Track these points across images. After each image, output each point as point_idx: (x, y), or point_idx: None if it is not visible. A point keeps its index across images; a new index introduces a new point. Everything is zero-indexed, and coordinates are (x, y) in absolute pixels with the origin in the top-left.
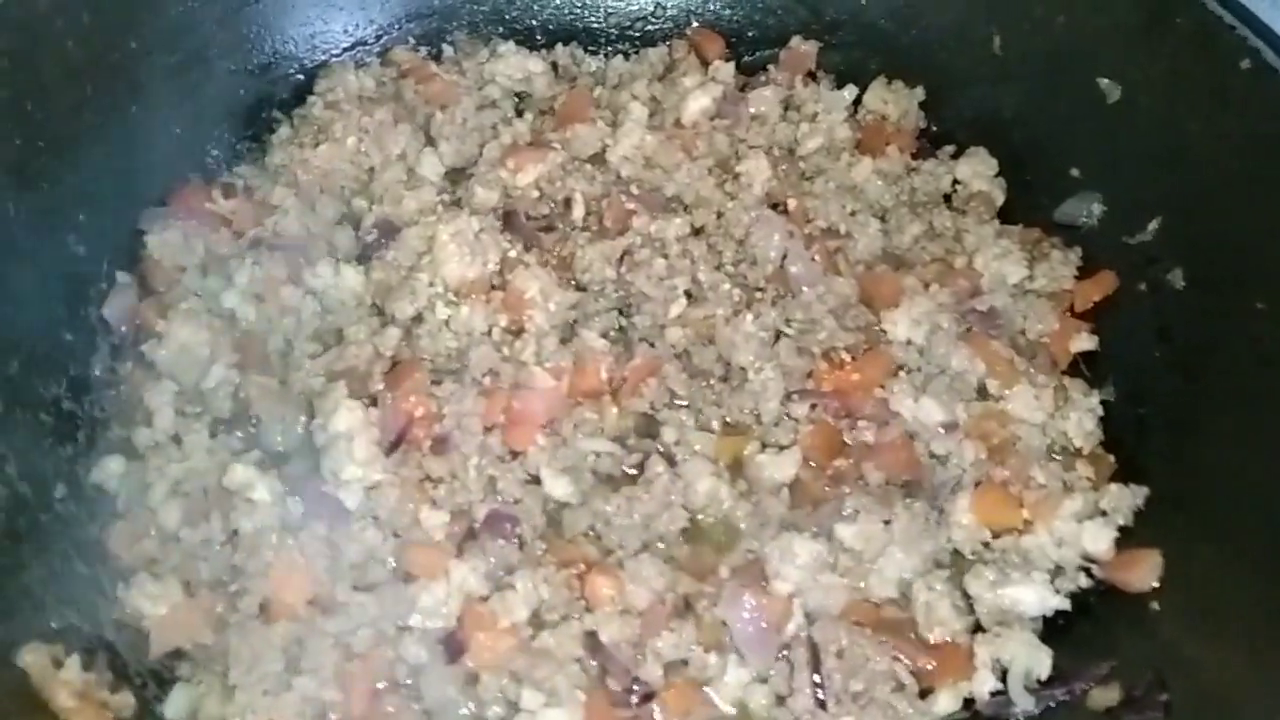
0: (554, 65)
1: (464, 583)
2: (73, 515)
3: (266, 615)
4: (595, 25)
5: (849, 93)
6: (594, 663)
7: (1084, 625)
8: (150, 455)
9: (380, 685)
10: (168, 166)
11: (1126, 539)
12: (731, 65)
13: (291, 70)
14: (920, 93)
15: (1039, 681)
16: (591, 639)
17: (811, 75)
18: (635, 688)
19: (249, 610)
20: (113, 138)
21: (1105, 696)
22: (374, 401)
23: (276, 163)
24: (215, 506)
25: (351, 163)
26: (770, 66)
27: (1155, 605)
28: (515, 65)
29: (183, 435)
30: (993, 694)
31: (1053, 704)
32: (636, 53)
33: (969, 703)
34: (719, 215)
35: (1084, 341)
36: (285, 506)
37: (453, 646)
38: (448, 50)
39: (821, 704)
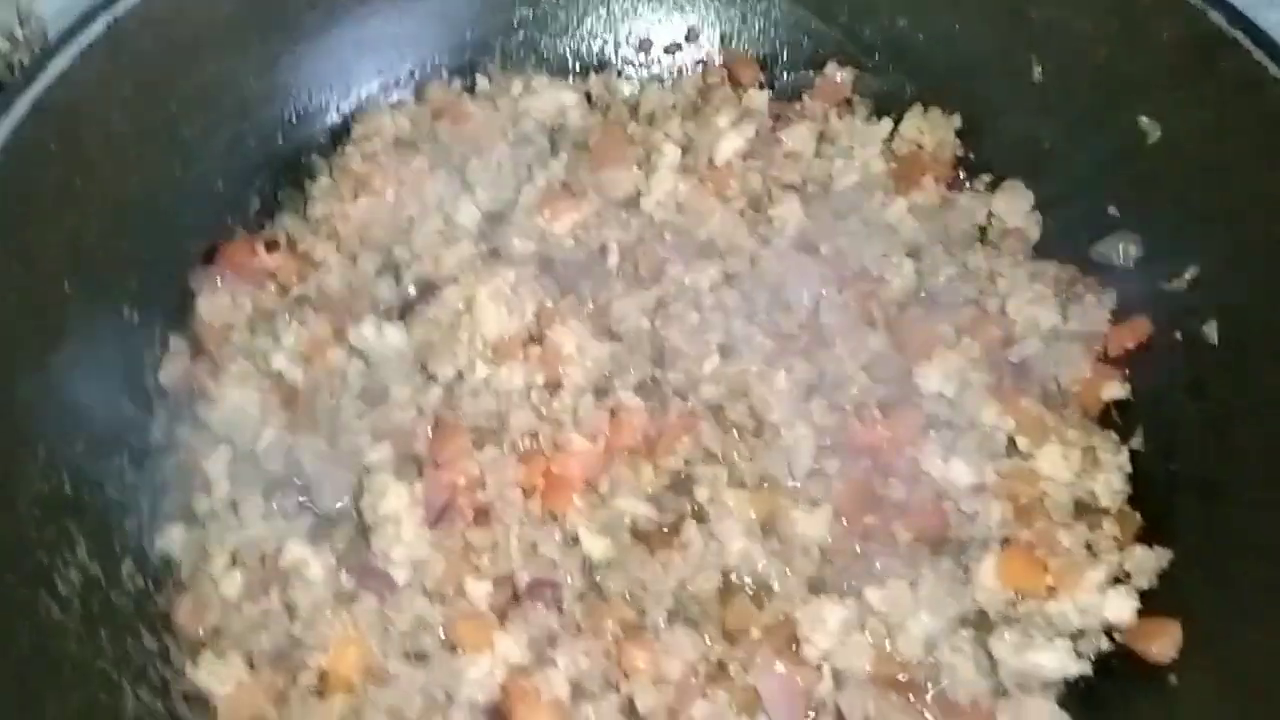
0: (587, 95)
1: (508, 655)
2: (141, 590)
3: (324, 687)
4: (628, 52)
5: (884, 126)
6: None
7: (1105, 691)
8: (209, 522)
9: None
10: (212, 223)
11: (1149, 602)
12: (765, 94)
13: (328, 115)
14: (957, 120)
15: None
16: (630, 707)
17: (847, 103)
18: None
19: (307, 683)
20: (159, 200)
21: None
22: (418, 466)
23: (317, 215)
24: (273, 579)
25: (390, 214)
26: (805, 95)
27: (1173, 678)
28: (549, 100)
29: (239, 501)
30: None
31: None
32: (671, 79)
33: None
34: (752, 262)
35: (1116, 389)
36: (338, 581)
37: (498, 718)
38: (481, 82)
39: None
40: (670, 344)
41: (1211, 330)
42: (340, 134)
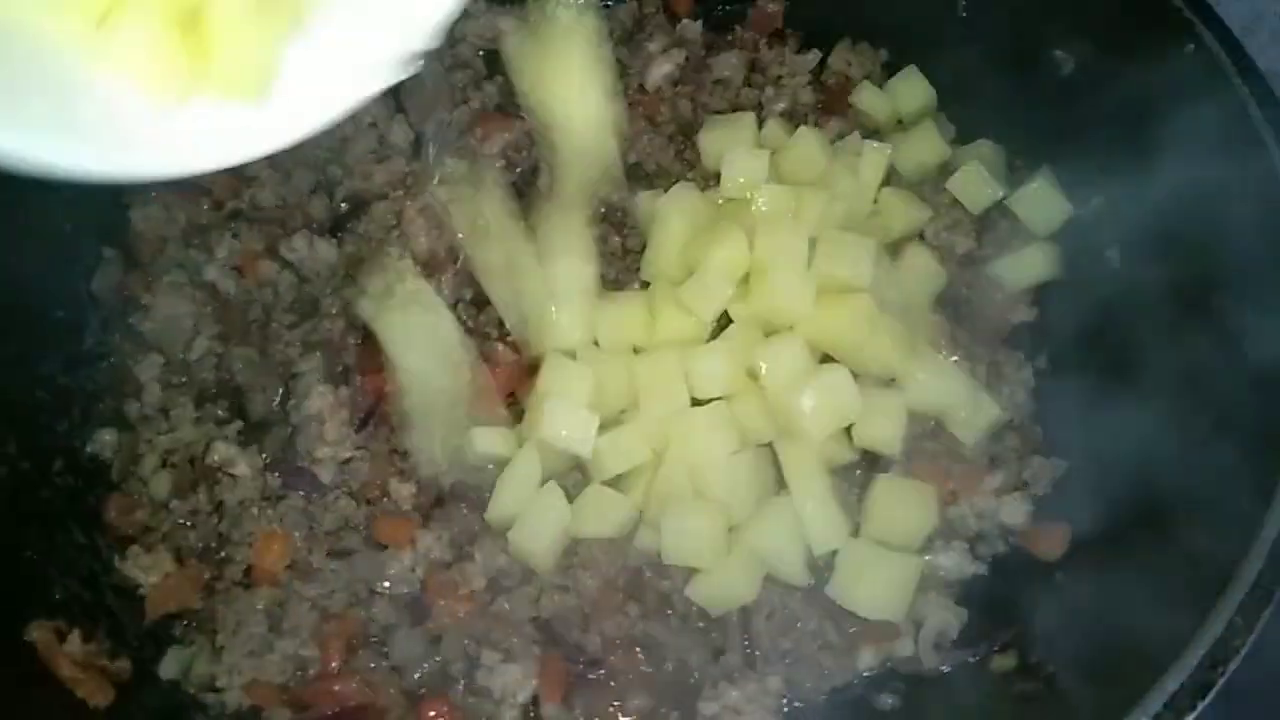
0: (526, 21)
1: (429, 551)
2: (71, 488)
3: (250, 581)
4: None
5: (813, 57)
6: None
7: (997, 589)
8: (140, 427)
9: (354, 643)
10: None
11: (1042, 509)
12: (699, 24)
13: None
14: (884, 54)
15: (950, 641)
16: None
17: (779, 34)
18: (582, 658)
19: (234, 577)
20: None
21: (1003, 662)
22: (345, 375)
23: None
24: (201, 479)
25: (324, 132)
26: (737, 26)
27: (1059, 575)
28: (485, 24)
29: (170, 408)
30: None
31: (957, 664)
32: (607, 7)
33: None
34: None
35: (1023, 313)
36: (265, 481)
37: (418, 610)
38: None
39: (750, 663)
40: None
41: (1114, 255)
42: None
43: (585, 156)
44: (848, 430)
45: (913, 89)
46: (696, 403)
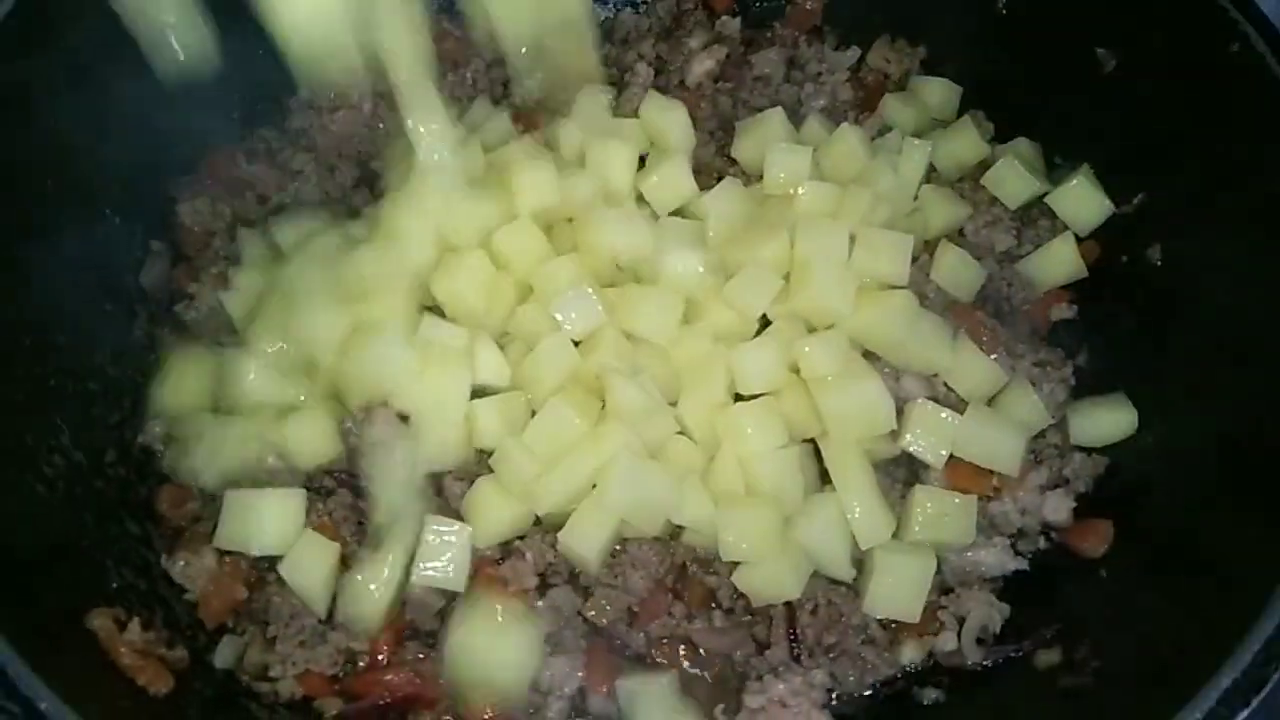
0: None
1: (478, 550)
2: (123, 479)
3: None
4: None
5: (852, 54)
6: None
7: (1040, 586)
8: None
9: (403, 634)
10: (194, 133)
11: (1084, 505)
12: (738, 20)
13: None
14: (923, 51)
15: (993, 636)
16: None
17: (817, 30)
18: (628, 652)
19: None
20: (143, 108)
21: (1048, 657)
22: None
23: (296, 126)
24: (252, 473)
25: (367, 126)
26: (776, 23)
27: (1103, 572)
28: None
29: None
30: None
31: (1001, 659)
32: (645, 4)
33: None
34: (718, 178)
35: (1064, 310)
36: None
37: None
38: (460, 2)
39: (796, 657)
40: None
41: (1155, 253)
42: None
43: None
44: None
45: (938, 93)
46: (739, 398)
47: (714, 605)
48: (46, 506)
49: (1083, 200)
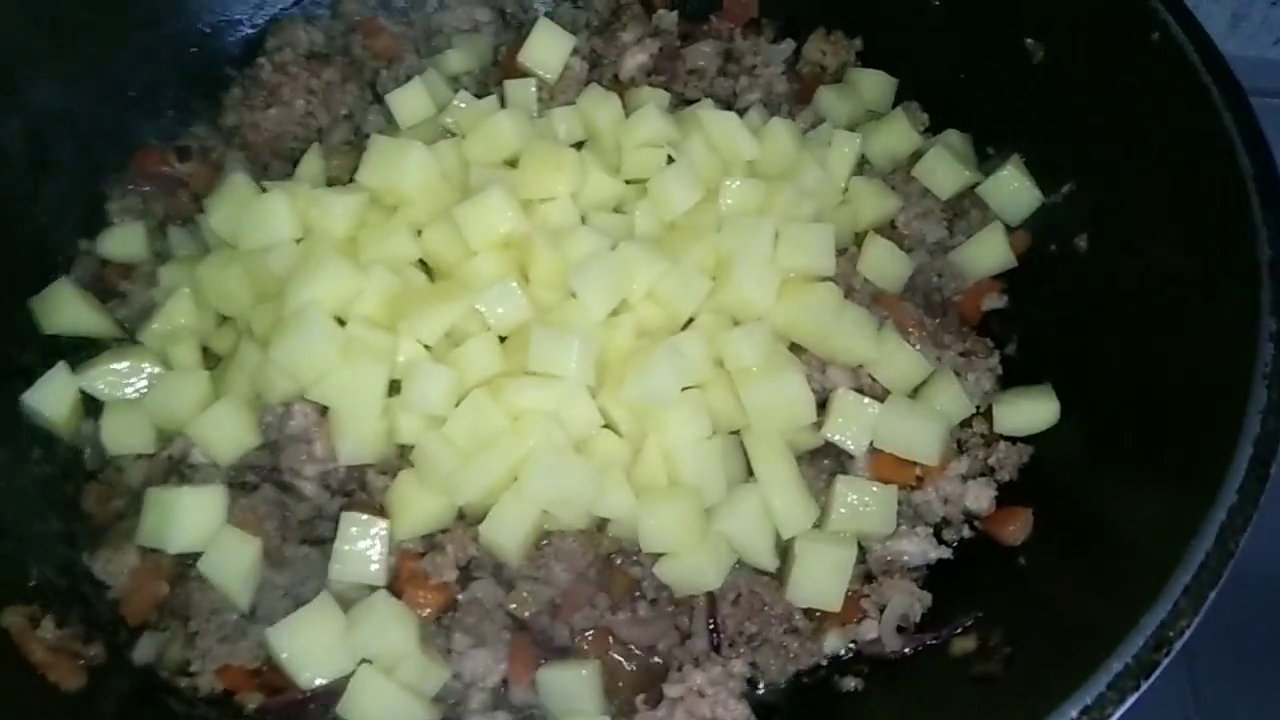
0: (502, 13)
1: (399, 544)
2: (48, 476)
3: None
4: None
5: (787, 45)
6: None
7: (961, 574)
8: None
9: None
10: (125, 131)
11: (1008, 493)
12: (675, 14)
13: (243, 27)
14: (858, 44)
15: (914, 624)
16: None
17: (754, 23)
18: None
19: None
20: (71, 108)
21: (963, 644)
22: None
23: (229, 124)
24: (174, 469)
25: (300, 124)
26: (713, 16)
27: (1022, 560)
28: (462, 15)
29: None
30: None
31: (920, 647)
32: None
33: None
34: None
35: (995, 300)
36: (242, 473)
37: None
38: (397, 0)
39: (716, 647)
40: None
41: (1082, 242)
42: (255, 46)
43: None
44: None
45: (873, 85)
46: None
47: (638, 596)
48: None
49: (1013, 190)
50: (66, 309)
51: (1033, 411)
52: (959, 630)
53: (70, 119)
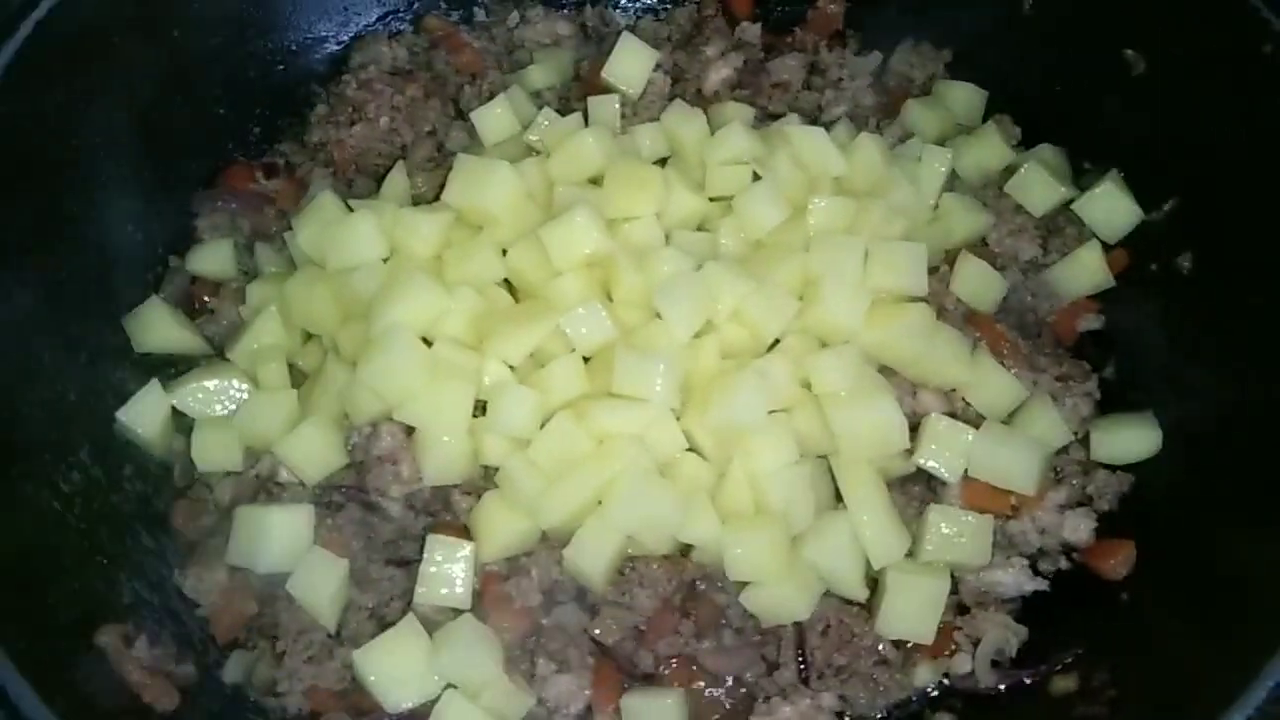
0: (583, 27)
1: (483, 565)
2: (140, 493)
3: None
4: None
5: (874, 58)
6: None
7: (1059, 608)
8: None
9: None
10: (213, 148)
11: (1107, 524)
12: (758, 26)
13: (328, 45)
14: (947, 55)
15: (1009, 659)
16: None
17: (839, 35)
18: (637, 671)
19: None
20: (161, 124)
21: (1064, 683)
22: None
23: (315, 140)
24: (262, 489)
25: (385, 140)
26: (797, 28)
27: (1125, 595)
28: (544, 30)
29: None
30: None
31: (1016, 684)
32: (666, 10)
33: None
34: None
35: (1091, 321)
36: (329, 492)
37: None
38: (479, 14)
39: (805, 679)
40: None
41: (1186, 261)
42: (340, 63)
43: None
44: None
45: (963, 98)
46: None
47: (723, 624)
48: (61, 523)
49: (1111, 207)
50: (159, 328)
51: (1133, 439)
52: (1058, 668)
53: (160, 136)
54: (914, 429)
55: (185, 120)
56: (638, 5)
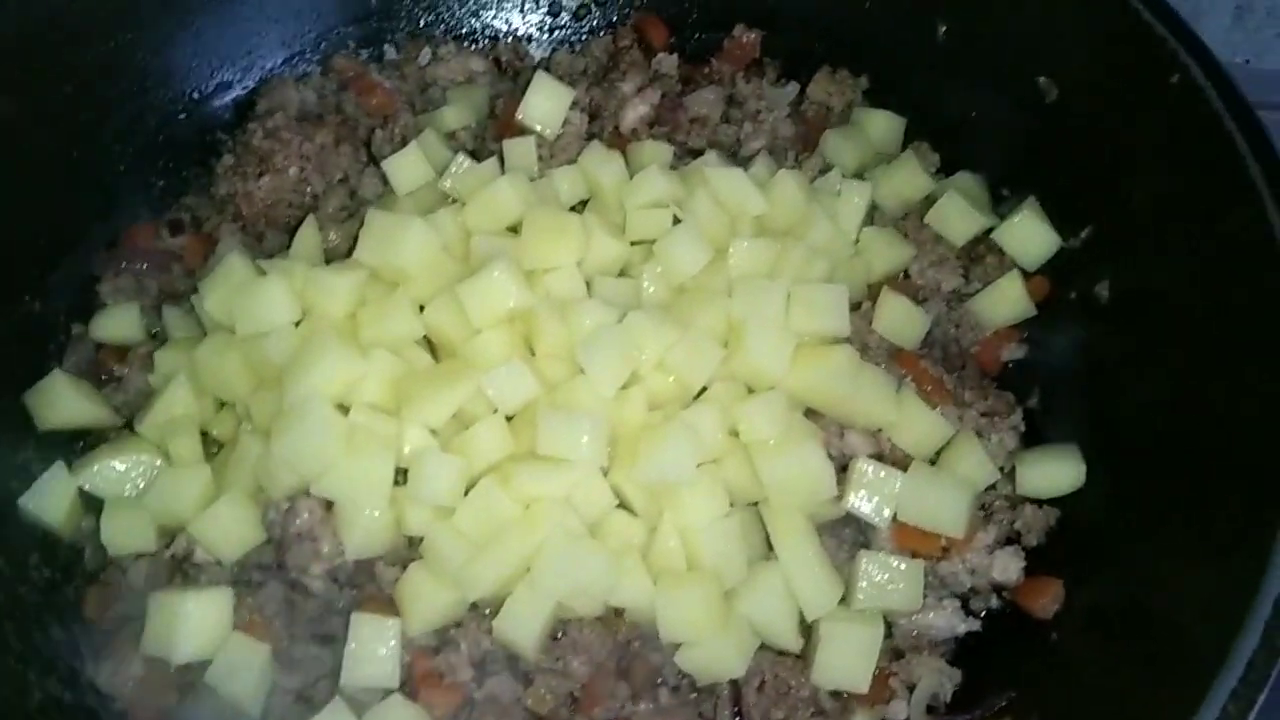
0: (497, 62)
1: (412, 640)
2: (48, 581)
3: None
4: (537, 17)
5: (792, 88)
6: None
7: (993, 648)
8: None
9: None
10: (115, 206)
11: (1035, 560)
12: (675, 58)
13: (232, 90)
14: (864, 83)
15: (944, 704)
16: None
17: (756, 63)
18: None
19: None
20: (57, 185)
21: None
22: None
23: (221, 193)
24: (177, 570)
25: (295, 191)
26: (713, 58)
27: (1055, 635)
28: (456, 67)
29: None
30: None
31: None
32: (581, 41)
33: None
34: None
35: (1014, 350)
36: (247, 571)
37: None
38: (390, 52)
39: None
40: None
41: (1104, 289)
42: (246, 109)
43: None
44: None
45: (881, 125)
46: None
47: (659, 683)
48: None
49: (1029, 235)
50: (62, 402)
51: (1057, 473)
52: (993, 710)
53: (56, 198)
54: (842, 469)
55: (82, 179)
56: (552, 38)
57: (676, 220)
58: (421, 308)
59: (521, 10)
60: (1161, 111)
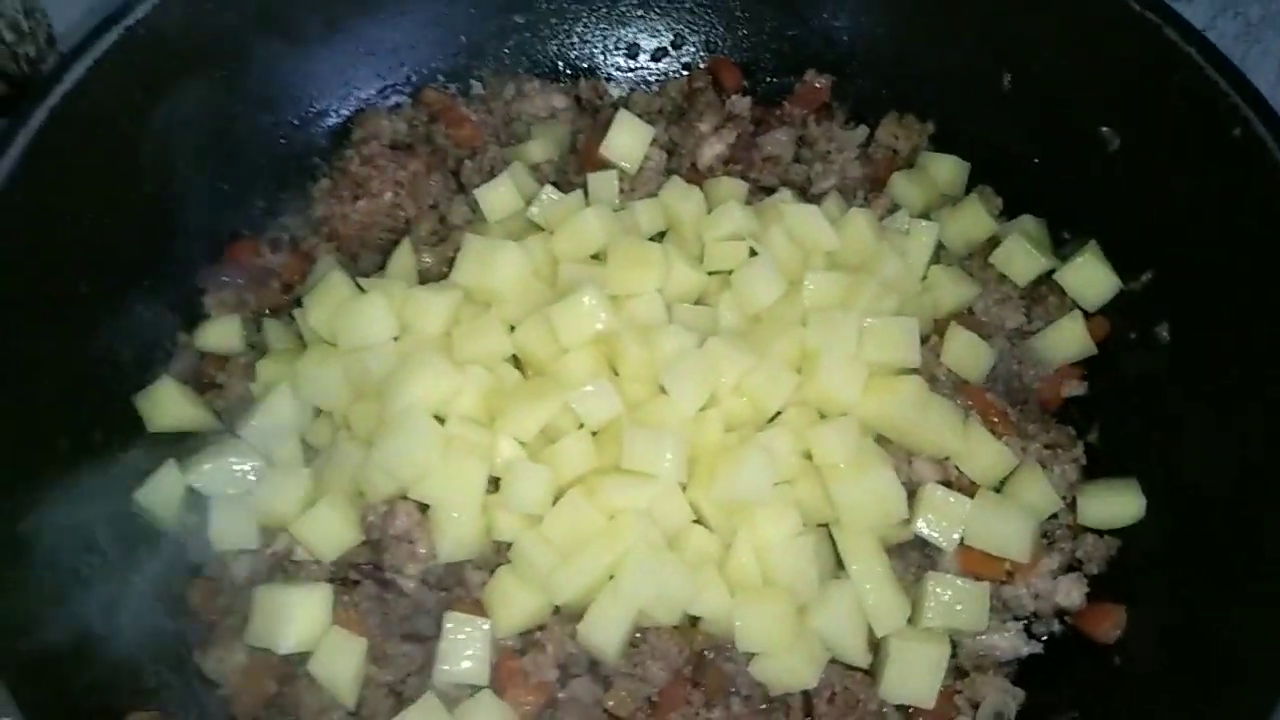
0: (578, 99)
1: (499, 641)
2: (157, 573)
3: None
4: (617, 58)
5: (860, 132)
6: None
7: (1055, 670)
8: None
9: None
10: (218, 224)
11: (1097, 587)
12: (748, 100)
13: (328, 118)
14: (931, 127)
15: None
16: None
17: (826, 107)
18: None
19: None
20: (169, 203)
21: None
22: None
23: (319, 215)
24: (278, 567)
25: (389, 215)
26: (785, 100)
27: (1117, 659)
28: (540, 104)
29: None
30: None
31: None
32: (658, 83)
33: None
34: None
35: (1074, 387)
36: (344, 568)
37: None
38: (475, 86)
39: None
40: None
41: (1164, 331)
42: (341, 135)
43: None
44: None
45: (946, 169)
46: None
47: (732, 692)
48: (82, 607)
49: (1090, 277)
50: (171, 406)
51: (1118, 505)
52: None
53: (166, 215)
54: (910, 495)
55: (190, 198)
56: (630, 77)
57: (752, 253)
58: (511, 328)
59: (603, 51)
60: (1223, 163)
